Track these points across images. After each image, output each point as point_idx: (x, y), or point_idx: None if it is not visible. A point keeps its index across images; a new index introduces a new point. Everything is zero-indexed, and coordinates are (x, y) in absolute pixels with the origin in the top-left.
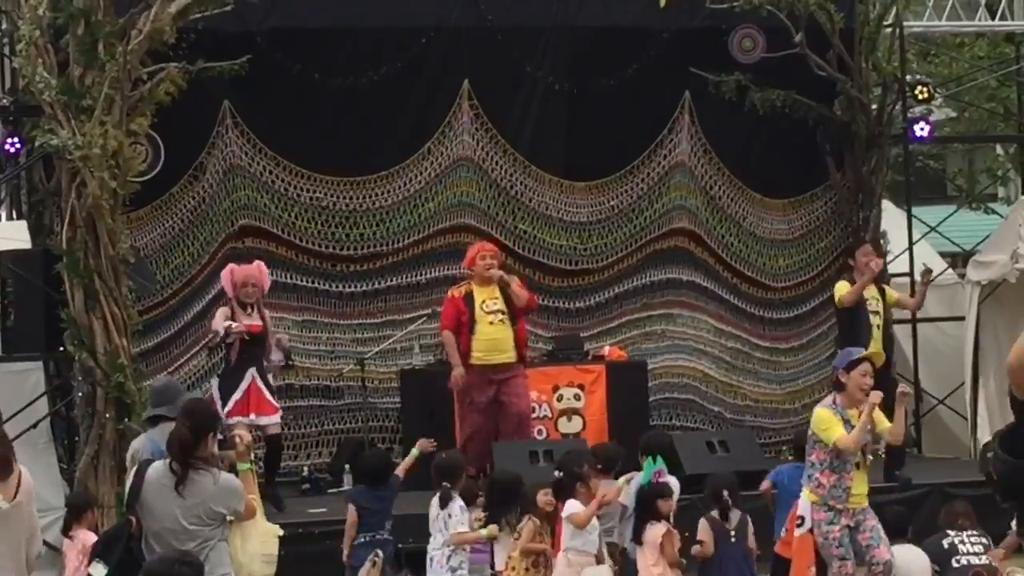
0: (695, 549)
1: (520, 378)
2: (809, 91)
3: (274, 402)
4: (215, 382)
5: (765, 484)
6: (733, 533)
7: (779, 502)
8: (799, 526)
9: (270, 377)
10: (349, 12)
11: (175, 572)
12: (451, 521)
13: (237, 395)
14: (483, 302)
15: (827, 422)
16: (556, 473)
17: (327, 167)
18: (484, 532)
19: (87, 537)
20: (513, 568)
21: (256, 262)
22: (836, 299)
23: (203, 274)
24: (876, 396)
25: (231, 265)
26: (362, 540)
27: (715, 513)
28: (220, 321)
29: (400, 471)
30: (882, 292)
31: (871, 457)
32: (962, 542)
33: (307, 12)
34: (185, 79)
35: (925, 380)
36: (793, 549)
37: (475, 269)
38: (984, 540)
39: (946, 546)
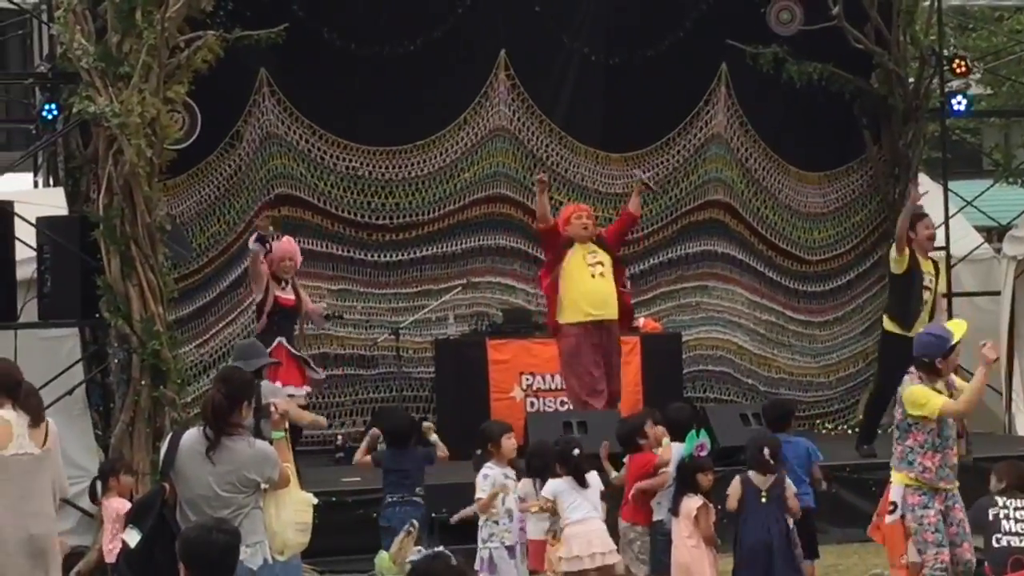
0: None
1: (615, 347)
2: (846, 64)
3: (301, 375)
4: None
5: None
6: (764, 494)
7: None
8: (891, 512)
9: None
10: None
11: (213, 539)
12: (477, 491)
13: None
14: (583, 255)
15: (924, 395)
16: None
17: (363, 136)
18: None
19: (119, 504)
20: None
21: (286, 237)
22: (892, 267)
23: (239, 242)
24: (991, 351)
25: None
26: (391, 500)
27: (751, 472)
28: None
29: (440, 453)
30: (937, 269)
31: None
32: (1007, 516)
33: None
34: (222, 47)
35: (961, 356)
36: (886, 537)
37: (570, 229)
38: None
39: (990, 517)
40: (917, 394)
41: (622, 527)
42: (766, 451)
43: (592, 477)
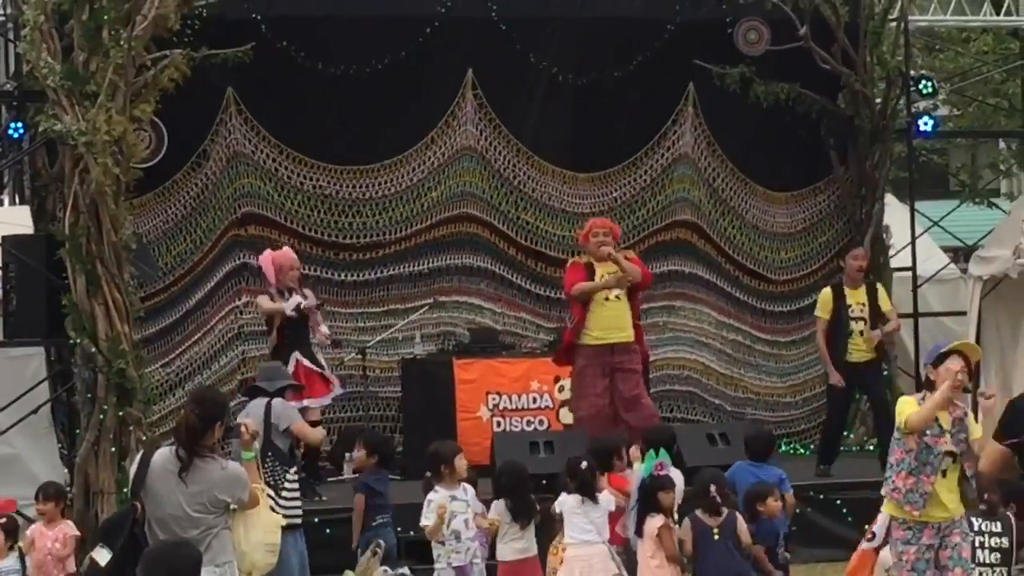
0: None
1: (635, 367)
2: (813, 84)
3: (329, 376)
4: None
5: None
6: (716, 531)
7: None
8: (868, 540)
9: (319, 355)
10: (354, 0)
11: (188, 552)
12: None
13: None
14: (602, 276)
15: (904, 404)
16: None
17: (330, 155)
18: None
19: (31, 530)
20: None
21: (285, 247)
22: (817, 311)
23: (205, 261)
24: (955, 381)
25: (268, 252)
26: (381, 521)
27: (699, 511)
28: (267, 302)
29: None
30: (872, 292)
31: (969, 471)
32: (982, 546)
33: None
34: (189, 66)
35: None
36: (851, 564)
37: (588, 247)
38: (1005, 542)
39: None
40: (903, 402)
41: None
42: (713, 489)
43: (604, 496)
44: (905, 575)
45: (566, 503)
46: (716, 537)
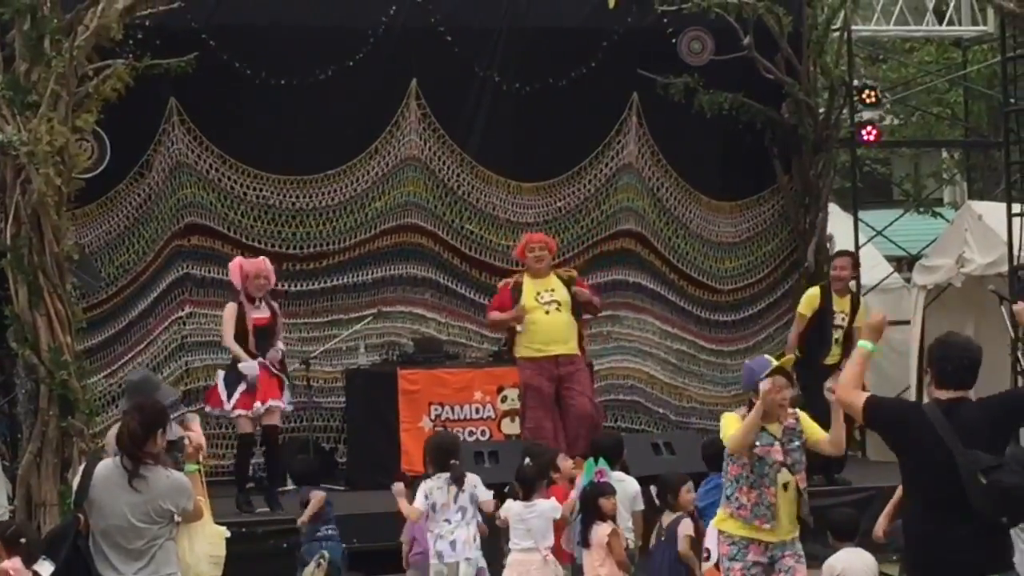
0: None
1: (582, 374)
2: (757, 94)
3: (283, 384)
4: (220, 374)
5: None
6: (664, 531)
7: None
8: (706, 559)
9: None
10: (297, 10)
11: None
12: None
13: (242, 387)
14: (537, 294)
15: (727, 420)
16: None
17: (273, 165)
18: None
19: None
20: None
21: (261, 257)
22: (800, 308)
23: (148, 272)
24: (767, 384)
25: (239, 259)
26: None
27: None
28: (231, 339)
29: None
30: (855, 304)
31: (804, 487)
32: None
33: (255, 10)
34: (132, 76)
35: (871, 384)
36: None
37: (526, 262)
38: None
39: None
40: (727, 419)
41: None
42: (687, 487)
43: (549, 503)
44: None
45: (511, 509)
46: (663, 537)
